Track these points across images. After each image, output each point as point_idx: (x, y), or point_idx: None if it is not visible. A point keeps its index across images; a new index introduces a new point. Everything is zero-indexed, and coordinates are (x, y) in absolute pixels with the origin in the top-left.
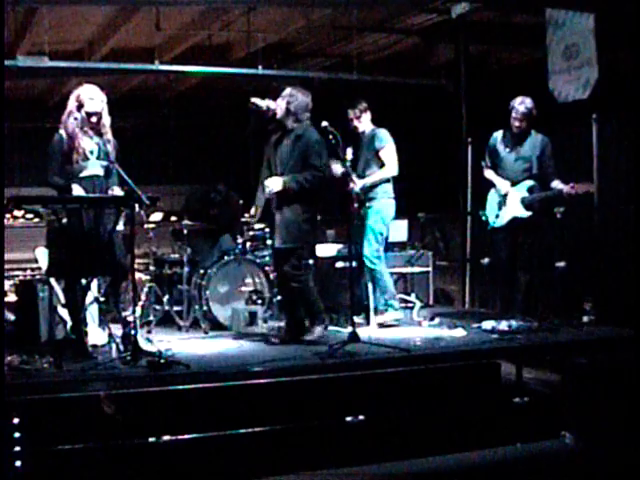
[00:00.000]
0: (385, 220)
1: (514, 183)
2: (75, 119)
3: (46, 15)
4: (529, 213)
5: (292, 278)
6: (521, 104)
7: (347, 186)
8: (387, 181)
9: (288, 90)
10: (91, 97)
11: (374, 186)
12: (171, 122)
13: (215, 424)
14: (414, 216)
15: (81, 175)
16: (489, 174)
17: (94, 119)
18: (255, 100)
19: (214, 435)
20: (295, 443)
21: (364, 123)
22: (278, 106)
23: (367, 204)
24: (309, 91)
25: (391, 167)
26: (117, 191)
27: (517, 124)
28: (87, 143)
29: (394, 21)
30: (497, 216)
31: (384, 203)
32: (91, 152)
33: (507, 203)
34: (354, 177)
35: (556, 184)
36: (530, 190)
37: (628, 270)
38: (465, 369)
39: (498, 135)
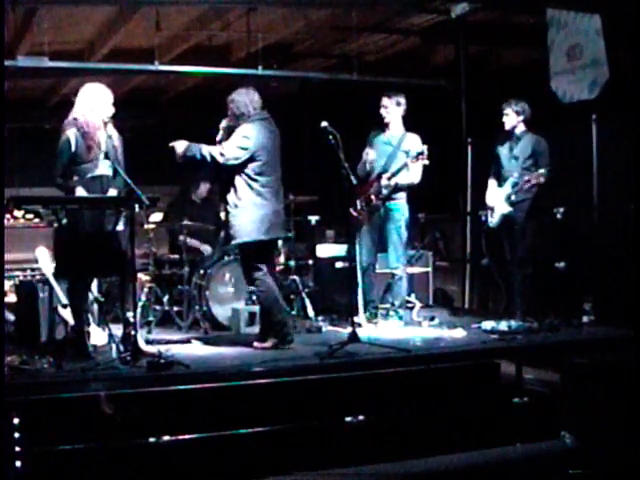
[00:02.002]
0: (407, 222)
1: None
2: (96, 115)
3: (46, 15)
4: (511, 209)
5: (247, 280)
6: (508, 104)
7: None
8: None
9: (229, 97)
10: (105, 92)
11: (398, 188)
12: (171, 122)
13: (215, 424)
14: (414, 216)
15: (90, 175)
16: (489, 183)
17: (113, 111)
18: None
19: (214, 435)
20: (295, 443)
21: (393, 118)
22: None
23: (388, 203)
24: (250, 87)
25: (417, 175)
26: (111, 191)
27: (505, 122)
28: (102, 140)
29: (394, 21)
30: (492, 216)
31: (404, 205)
32: (101, 150)
33: (498, 203)
34: (386, 174)
35: None
36: (514, 187)
37: (628, 270)
38: (465, 369)
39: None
